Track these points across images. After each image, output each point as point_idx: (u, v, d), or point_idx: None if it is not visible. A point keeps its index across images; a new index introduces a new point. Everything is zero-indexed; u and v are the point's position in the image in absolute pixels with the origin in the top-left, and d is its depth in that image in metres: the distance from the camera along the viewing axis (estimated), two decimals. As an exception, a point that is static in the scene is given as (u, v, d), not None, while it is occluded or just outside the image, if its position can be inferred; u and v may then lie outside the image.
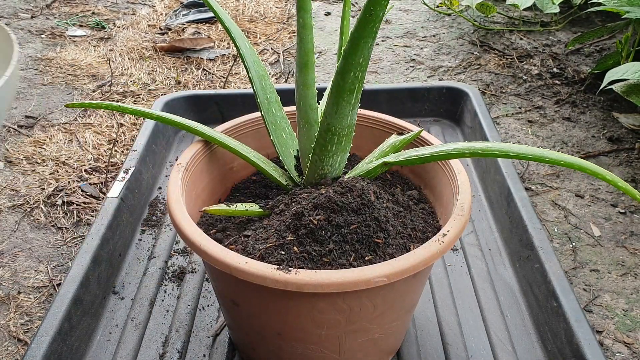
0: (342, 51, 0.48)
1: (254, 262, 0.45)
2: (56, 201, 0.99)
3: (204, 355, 0.61)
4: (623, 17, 1.17)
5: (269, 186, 0.63)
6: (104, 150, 1.14)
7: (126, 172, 0.80)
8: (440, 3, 1.81)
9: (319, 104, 0.56)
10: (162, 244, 0.76)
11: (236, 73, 1.45)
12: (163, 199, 0.85)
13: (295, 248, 0.48)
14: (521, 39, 1.60)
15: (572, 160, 0.42)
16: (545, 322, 0.62)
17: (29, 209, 0.98)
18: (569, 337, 0.57)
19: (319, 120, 0.53)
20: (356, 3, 1.92)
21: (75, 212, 0.97)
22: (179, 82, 1.42)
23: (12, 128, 1.22)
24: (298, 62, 0.51)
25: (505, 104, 1.32)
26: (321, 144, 0.49)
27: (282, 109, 0.60)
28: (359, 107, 0.52)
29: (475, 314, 0.65)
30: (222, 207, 0.53)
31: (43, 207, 0.98)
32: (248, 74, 0.58)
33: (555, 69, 1.44)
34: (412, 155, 0.53)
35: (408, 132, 0.61)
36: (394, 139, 0.58)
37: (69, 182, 1.04)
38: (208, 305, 0.67)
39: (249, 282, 0.44)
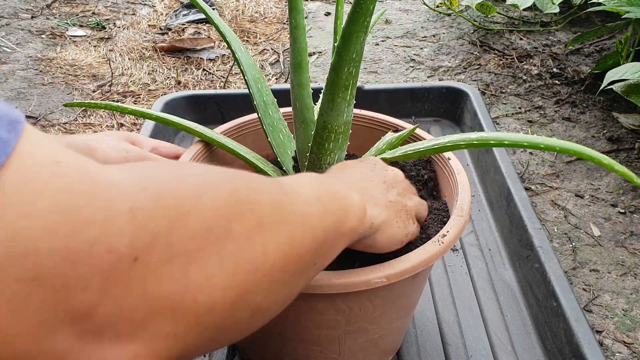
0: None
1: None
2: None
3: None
4: (623, 17, 1.17)
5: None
6: (104, 151, 1.14)
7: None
8: (440, 3, 1.81)
9: (315, 104, 0.56)
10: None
11: (236, 73, 1.45)
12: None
13: None
14: (521, 39, 1.60)
15: (567, 145, 0.42)
16: (545, 322, 0.62)
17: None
18: (568, 337, 0.57)
19: (315, 119, 0.53)
20: (351, 3, 1.92)
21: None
22: (179, 82, 1.42)
23: (12, 128, 1.22)
24: (292, 62, 0.51)
25: (505, 104, 1.32)
26: (318, 142, 0.50)
27: (279, 111, 0.60)
28: (355, 107, 0.52)
29: (475, 314, 0.65)
30: None
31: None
32: (244, 77, 0.58)
33: (555, 69, 1.44)
34: (408, 150, 0.52)
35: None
36: (389, 136, 0.58)
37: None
38: (208, 306, 0.67)
39: None
